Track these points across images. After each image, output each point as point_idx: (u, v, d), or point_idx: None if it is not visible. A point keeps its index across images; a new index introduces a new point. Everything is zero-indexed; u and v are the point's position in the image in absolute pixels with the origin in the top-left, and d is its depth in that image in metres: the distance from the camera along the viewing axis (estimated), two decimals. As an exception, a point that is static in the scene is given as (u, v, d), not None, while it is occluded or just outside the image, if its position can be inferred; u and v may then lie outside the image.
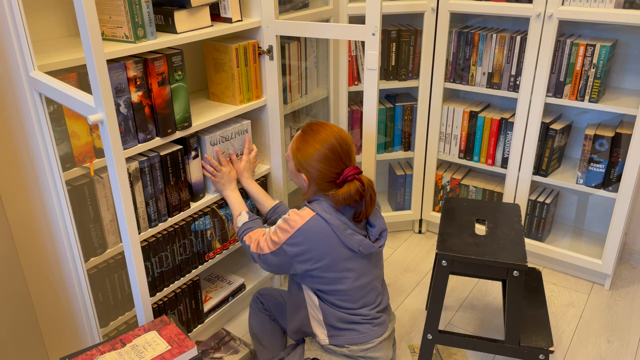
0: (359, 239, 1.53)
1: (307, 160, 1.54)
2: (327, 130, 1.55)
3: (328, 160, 1.52)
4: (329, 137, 1.54)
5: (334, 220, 1.50)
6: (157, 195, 1.66)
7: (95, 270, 1.58)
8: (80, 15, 1.07)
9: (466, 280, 2.39)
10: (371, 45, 1.70)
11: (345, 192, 1.50)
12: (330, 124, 1.59)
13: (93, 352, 1.27)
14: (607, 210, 2.45)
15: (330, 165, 1.53)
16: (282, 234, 1.53)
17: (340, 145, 1.54)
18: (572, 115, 2.37)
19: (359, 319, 1.58)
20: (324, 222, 1.50)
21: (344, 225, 1.51)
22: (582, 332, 2.07)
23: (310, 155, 1.53)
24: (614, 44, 2.06)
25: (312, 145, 1.53)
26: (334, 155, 1.53)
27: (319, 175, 1.53)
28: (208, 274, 2.22)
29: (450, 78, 2.40)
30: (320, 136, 1.54)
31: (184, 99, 1.66)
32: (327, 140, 1.53)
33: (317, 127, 1.57)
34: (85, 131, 1.45)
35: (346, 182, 1.53)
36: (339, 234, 1.50)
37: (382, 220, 1.62)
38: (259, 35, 1.90)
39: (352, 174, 1.53)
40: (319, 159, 1.52)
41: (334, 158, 1.53)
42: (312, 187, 1.57)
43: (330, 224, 1.50)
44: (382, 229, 1.61)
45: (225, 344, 1.79)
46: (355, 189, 1.50)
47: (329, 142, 1.53)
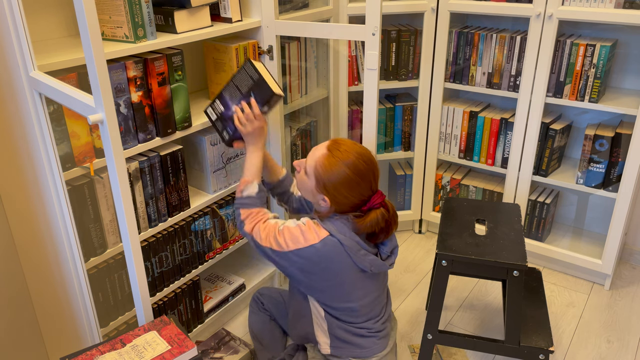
0: (371, 259, 1.47)
1: (333, 183, 1.44)
2: (356, 152, 1.45)
3: (357, 186, 1.44)
4: (358, 160, 1.44)
5: (348, 241, 1.44)
6: (157, 195, 1.66)
7: (95, 270, 1.58)
8: (80, 15, 1.07)
9: (466, 280, 2.39)
10: (371, 45, 1.70)
11: (373, 219, 1.44)
12: (358, 145, 1.48)
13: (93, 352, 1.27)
14: (607, 210, 2.45)
15: (357, 192, 1.45)
16: (291, 242, 1.45)
17: (370, 170, 1.46)
18: (572, 115, 2.37)
19: (364, 332, 1.56)
20: (338, 244, 1.44)
21: (357, 246, 1.46)
22: (582, 332, 2.07)
23: (337, 178, 1.44)
24: (614, 44, 2.06)
25: (340, 167, 1.43)
26: (363, 180, 1.45)
27: (345, 201, 1.45)
28: (208, 274, 2.22)
29: (450, 78, 2.40)
30: (349, 158, 1.44)
31: (184, 99, 1.66)
32: (356, 164, 1.44)
33: (345, 147, 1.46)
34: (85, 131, 1.45)
35: (372, 210, 1.46)
36: (352, 255, 1.45)
37: (394, 237, 1.57)
38: (259, 35, 1.90)
39: (379, 202, 1.46)
40: (347, 184, 1.43)
41: (362, 184, 1.45)
42: (332, 209, 1.49)
43: (344, 246, 1.44)
44: (393, 246, 1.56)
45: (225, 344, 1.79)
46: (381, 216, 1.45)
47: (358, 167, 1.44)
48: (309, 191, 1.51)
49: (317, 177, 1.47)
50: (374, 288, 1.55)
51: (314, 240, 1.43)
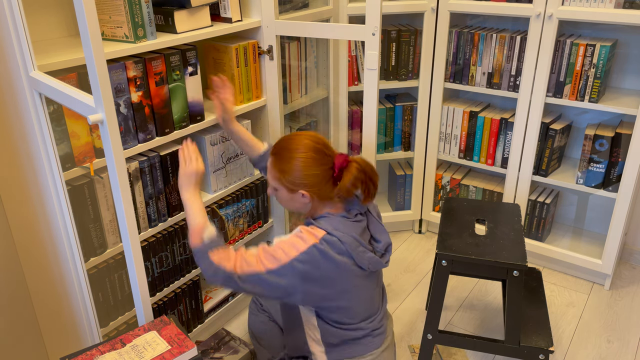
0: (369, 256, 1.47)
1: (297, 174, 1.45)
2: (295, 139, 1.48)
3: (316, 162, 1.45)
4: (301, 142, 1.46)
5: (347, 238, 1.43)
6: (157, 195, 1.66)
7: (95, 270, 1.58)
8: (80, 15, 1.07)
9: (466, 280, 2.39)
10: (371, 45, 1.70)
11: (350, 178, 1.44)
12: (292, 134, 1.50)
13: (93, 352, 1.27)
14: (607, 210, 2.45)
15: (321, 165, 1.46)
16: (290, 250, 1.40)
17: (316, 142, 1.47)
18: (572, 115, 2.37)
19: (360, 334, 1.54)
20: (338, 241, 1.42)
21: (356, 243, 1.44)
22: (582, 332, 2.07)
23: (297, 168, 1.45)
24: (614, 44, 2.06)
25: (292, 158, 1.45)
26: (317, 154, 1.46)
27: (316, 180, 1.45)
28: (208, 274, 2.22)
29: (450, 78, 2.40)
30: (294, 146, 1.46)
31: (183, 98, 1.66)
32: (303, 145, 1.46)
33: (285, 142, 1.49)
34: (85, 131, 1.45)
35: (343, 171, 1.46)
36: (352, 252, 1.44)
37: (387, 234, 1.56)
38: (259, 35, 1.90)
39: (344, 160, 1.47)
40: (307, 165, 1.44)
41: (319, 157, 1.46)
42: (315, 199, 1.48)
43: (344, 243, 1.42)
44: (387, 244, 1.55)
45: (225, 344, 1.79)
46: (356, 170, 1.45)
47: (306, 146, 1.45)
48: (288, 200, 1.51)
49: (282, 181, 1.47)
50: (369, 286, 1.54)
51: (314, 240, 1.41)
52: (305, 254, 1.39)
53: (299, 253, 1.39)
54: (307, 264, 1.39)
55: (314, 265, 1.40)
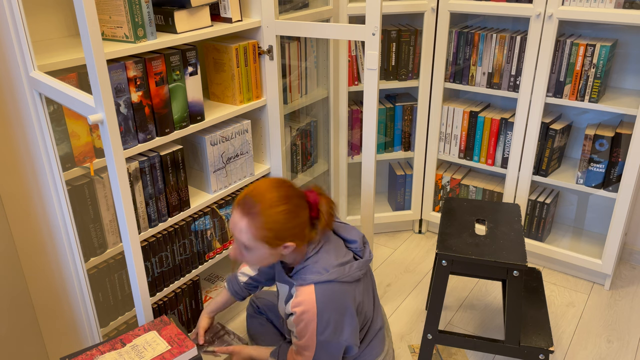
0: (355, 265, 1.45)
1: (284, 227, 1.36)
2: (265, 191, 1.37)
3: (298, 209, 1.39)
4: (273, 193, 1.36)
5: (332, 274, 1.40)
6: (157, 195, 1.66)
7: (95, 270, 1.58)
8: (80, 15, 1.07)
9: (466, 280, 2.39)
10: (371, 45, 1.70)
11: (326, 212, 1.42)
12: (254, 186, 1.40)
13: (93, 352, 1.27)
14: (607, 210, 2.45)
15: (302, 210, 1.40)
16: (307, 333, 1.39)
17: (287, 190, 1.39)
18: (572, 115, 2.37)
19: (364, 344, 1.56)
20: (327, 284, 1.39)
21: (341, 269, 1.41)
22: (582, 332, 2.07)
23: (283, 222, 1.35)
24: (614, 44, 2.06)
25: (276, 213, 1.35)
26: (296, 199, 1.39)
27: (303, 227, 1.39)
28: (208, 274, 2.22)
29: (450, 78, 2.40)
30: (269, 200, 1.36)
31: (183, 98, 1.66)
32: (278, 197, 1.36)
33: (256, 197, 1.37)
34: (85, 131, 1.45)
35: (318, 208, 1.43)
36: (344, 279, 1.41)
37: (355, 229, 1.55)
38: (259, 35, 1.90)
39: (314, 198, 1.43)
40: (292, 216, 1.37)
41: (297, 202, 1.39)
42: (301, 244, 1.42)
43: (333, 282, 1.39)
44: (361, 238, 1.53)
45: (220, 337, 1.80)
46: (326, 204, 1.43)
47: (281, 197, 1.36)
48: (267, 257, 1.42)
49: (266, 240, 1.37)
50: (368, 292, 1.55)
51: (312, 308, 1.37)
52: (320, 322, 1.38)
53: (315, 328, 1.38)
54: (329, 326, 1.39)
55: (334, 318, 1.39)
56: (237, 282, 1.77)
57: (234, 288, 1.77)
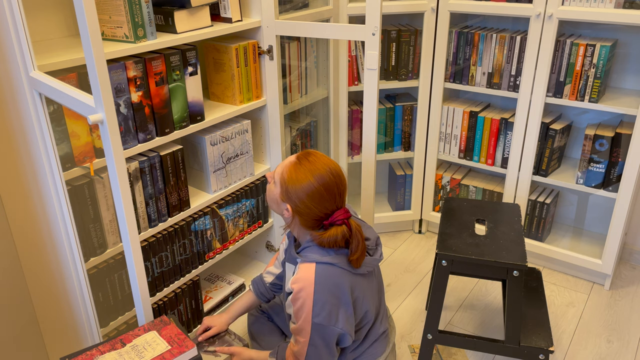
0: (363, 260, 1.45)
1: (298, 192, 1.40)
2: (324, 165, 1.41)
3: (320, 198, 1.39)
4: (326, 172, 1.40)
5: (335, 258, 1.40)
6: (157, 195, 1.66)
7: (95, 270, 1.58)
8: (80, 15, 1.07)
9: (466, 280, 2.39)
10: (371, 45, 1.71)
11: (332, 236, 1.39)
12: (328, 158, 1.45)
13: (93, 352, 1.27)
14: (607, 210, 2.45)
15: (320, 204, 1.40)
16: (303, 314, 1.38)
17: (336, 185, 1.41)
18: (572, 115, 2.37)
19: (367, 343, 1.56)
20: (329, 265, 1.39)
21: (346, 258, 1.42)
22: (582, 332, 2.07)
23: (302, 188, 1.39)
24: (614, 44, 2.06)
25: (306, 177, 1.39)
26: (328, 193, 1.40)
27: (307, 212, 1.41)
28: (208, 274, 2.22)
29: (450, 78, 2.40)
30: (317, 170, 1.40)
31: (183, 98, 1.66)
32: (324, 176, 1.39)
33: (314, 158, 1.43)
34: (85, 131, 1.45)
35: (334, 225, 1.41)
36: (346, 267, 1.41)
37: (372, 229, 1.55)
38: (259, 35, 1.90)
39: (341, 218, 1.41)
40: (311, 195, 1.39)
41: (327, 197, 1.40)
42: (295, 221, 1.45)
43: (335, 264, 1.40)
44: (375, 238, 1.53)
45: (220, 338, 1.80)
46: (341, 233, 1.39)
47: (325, 179, 1.39)
48: (274, 200, 1.47)
49: (282, 185, 1.42)
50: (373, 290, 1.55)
51: (310, 288, 1.38)
52: (316, 303, 1.37)
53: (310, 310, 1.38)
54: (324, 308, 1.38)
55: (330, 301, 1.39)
56: (263, 283, 1.75)
57: (260, 289, 1.75)
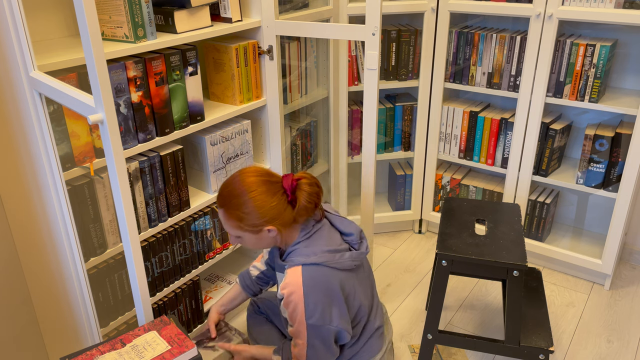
0: (348, 255, 1.46)
1: (256, 215, 1.40)
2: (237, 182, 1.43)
3: (268, 194, 1.41)
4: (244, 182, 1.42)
5: (321, 257, 1.42)
6: (157, 195, 1.66)
7: (95, 270, 1.58)
8: (80, 15, 1.07)
9: (466, 280, 2.39)
10: (371, 45, 1.70)
11: (304, 195, 1.42)
12: (230, 178, 1.46)
13: (93, 352, 1.27)
14: (607, 210, 2.45)
15: (274, 195, 1.41)
16: (297, 316, 1.40)
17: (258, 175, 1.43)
18: (572, 115, 2.37)
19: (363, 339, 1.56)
20: (314, 266, 1.41)
21: (331, 255, 1.43)
22: (582, 332, 2.07)
23: (253, 209, 1.40)
24: (614, 44, 2.06)
25: (244, 202, 1.40)
26: (265, 185, 1.42)
27: (276, 211, 1.41)
28: (208, 274, 2.22)
29: (450, 78, 2.40)
30: (239, 190, 1.41)
31: (183, 98, 1.66)
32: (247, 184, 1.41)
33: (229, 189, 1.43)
34: (85, 131, 1.45)
35: (296, 191, 1.43)
36: (333, 264, 1.43)
37: (353, 223, 1.55)
38: (259, 35, 1.90)
39: (292, 180, 1.44)
40: (262, 202, 1.40)
41: (268, 187, 1.42)
42: (285, 229, 1.45)
43: (320, 264, 1.41)
44: (358, 232, 1.54)
45: (221, 334, 1.80)
46: (307, 186, 1.43)
47: (250, 184, 1.41)
48: (256, 242, 1.48)
49: (243, 229, 1.43)
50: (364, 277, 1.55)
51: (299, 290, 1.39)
52: (307, 305, 1.39)
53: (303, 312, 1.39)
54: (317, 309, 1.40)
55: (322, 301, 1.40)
56: (249, 276, 1.77)
57: (246, 282, 1.77)
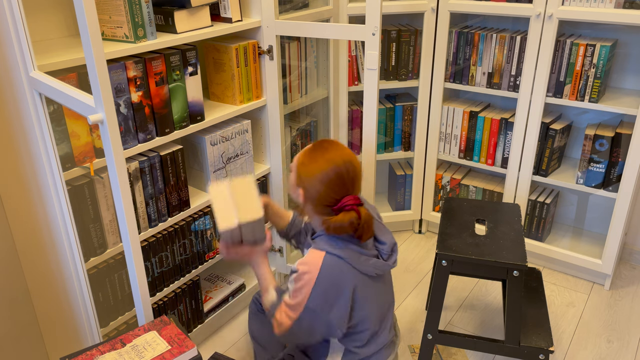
0: (373, 262, 1.45)
1: (309, 177, 1.43)
2: (338, 152, 1.44)
3: (330, 184, 1.41)
4: (338, 159, 1.42)
5: (346, 252, 1.41)
6: (157, 195, 1.66)
7: (95, 270, 1.58)
8: (80, 15, 1.07)
9: (466, 280, 2.39)
10: (371, 45, 1.70)
11: (338, 221, 1.39)
12: (343, 146, 1.48)
13: (93, 352, 1.27)
14: (607, 210, 2.44)
15: (330, 189, 1.42)
16: (300, 295, 1.40)
17: (347, 171, 1.43)
18: (572, 115, 2.37)
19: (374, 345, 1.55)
20: (337, 258, 1.41)
21: (356, 254, 1.43)
22: (582, 332, 2.07)
23: (313, 173, 1.42)
24: (614, 44, 2.06)
25: (318, 163, 1.42)
26: (338, 179, 1.42)
27: (317, 196, 1.43)
28: (208, 274, 2.22)
29: (450, 78, 2.40)
30: (329, 156, 1.43)
31: (183, 98, 1.66)
32: (335, 162, 1.42)
33: (329, 145, 1.46)
34: (85, 131, 1.45)
35: (342, 211, 1.42)
36: (354, 264, 1.42)
37: (390, 234, 1.54)
38: (259, 35, 1.90)
39: (350, 204, 1.41)
40: (321, 179, 1.41)
41: (337, 183, 1.42)
42: (308, 205, 1.48)
43: (344, 258, 1.41)
44: (392, 244, 1.53)
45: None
46: (349, 220, 1.39)
47: (336, 165, 1.41)
48: (292, 186, 1.51)
49: (297, 169, 1.47)
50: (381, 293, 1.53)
51: (314, 273, 1.39)
52: (315, 289, 1.39)
53: (309, 294, 1.39)
54: (321, 297, 1.40)
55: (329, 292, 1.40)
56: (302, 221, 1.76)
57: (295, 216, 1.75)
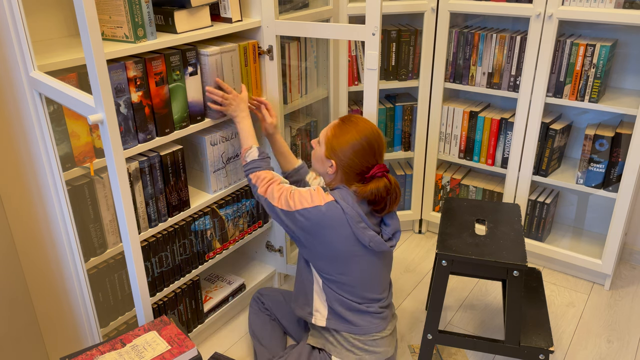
0: (371, 234, 1.54)
1: (342, 147, 1.55)
2: (367, 124, 1.58)
3: (363, 152, 1.54)
4: (367, 130, 1.56)
5: (350, 210, 1.52)
6: (157, 195, 1.66)
7: (95, 270, 1.58)
8: (80, 15, 1.07)
9: (466, 280, 2.39)
10: (371, 45, 1.70)
11: (374, 187, 1.52)
12: (368, 120, 1.61)
13: (93, 352, 1.27)
14: (607, 210, 2.45)
15: (363, 158, 1.55)
16: (298, 202, 1.54)
17: (376, 141, 1.56)
18: (572, 115, 2.37)
19: (362, 307, 1.61)
20: (340, 210, 1.52)
21: (358, 218, 1.53)
22: (582, 332, 2.07)
23: (346, 143, 1.55)
24: (614, 44, 2.06)
25: (350, 134, 1.55)
26: (369, 148, 1.55)
27: (350, 164, 1.55)
28: (208, 274, 2.22)
29: (450, 78, 2.40)
30: (360, 127, 1.56)
31: (183, 98, 1.66)
32: (366, 132, 1.55)
33: (357, 118, 1.59)
34: (85, 131, 1.45)
35: (374, 178, 1.55)
36: (352, 225, 1.52)
37: (397, 220, 1.63)
38: (259, 35, 1.90)
39: (381, 171, 1.55)
40: (354, 148, 1.54)
41: (369, 151, 1.55)
42: (338, 176, 1.59)
43: (346, 213, 1.52)
44: (395, 229, 1.62)
45: None
46: (384, 185, 1.53)
47: (367, 135, 1.55)
48: (319, 159, 1.62)
49: (327, 143, 1.58)
50: (372, 268, 1.59)
51: (319, 202, 1.52)
52: (308, 210, 1.52)
53: (303, 207, 1.53)
54: (307, 219, 1.53)
55: (313, 223, 1.53)
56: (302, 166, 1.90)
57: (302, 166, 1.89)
